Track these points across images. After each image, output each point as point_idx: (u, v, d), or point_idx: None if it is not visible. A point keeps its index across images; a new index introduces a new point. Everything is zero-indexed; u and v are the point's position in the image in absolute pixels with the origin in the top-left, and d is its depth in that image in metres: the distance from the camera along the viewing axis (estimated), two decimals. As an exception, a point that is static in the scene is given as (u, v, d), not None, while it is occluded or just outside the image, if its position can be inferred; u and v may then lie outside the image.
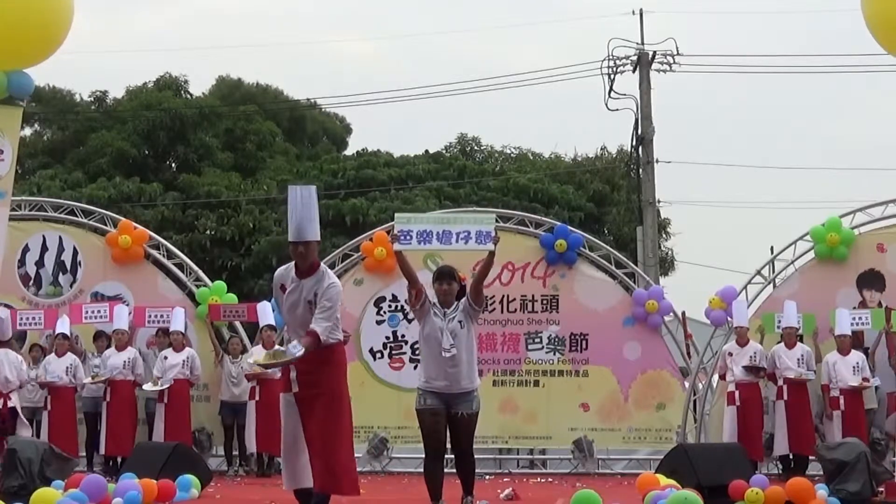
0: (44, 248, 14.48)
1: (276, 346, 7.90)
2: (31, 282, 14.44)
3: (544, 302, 14.46)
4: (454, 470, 8.20)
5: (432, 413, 7.87)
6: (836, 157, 50.92)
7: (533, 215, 15.58)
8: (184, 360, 13.41)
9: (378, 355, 14.50)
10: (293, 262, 7.62)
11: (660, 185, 23.90)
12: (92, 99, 31.78)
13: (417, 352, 14.34)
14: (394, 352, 14.46)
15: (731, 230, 43.89)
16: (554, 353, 14.38)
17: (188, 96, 31.46)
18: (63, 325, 13.49)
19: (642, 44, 23.99)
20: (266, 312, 13.70)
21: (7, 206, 10.34)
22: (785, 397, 12.96)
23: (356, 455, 14.07)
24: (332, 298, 7.40)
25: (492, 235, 8.24)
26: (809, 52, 40.64)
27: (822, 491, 8.88)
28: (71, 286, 14.45)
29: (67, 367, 13.30)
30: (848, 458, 9.20)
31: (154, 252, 14.63)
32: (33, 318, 13.84)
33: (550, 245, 14.37)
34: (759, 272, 14.16)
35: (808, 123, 52.58)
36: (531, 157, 32.82)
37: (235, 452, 13.89)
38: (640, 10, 24.36)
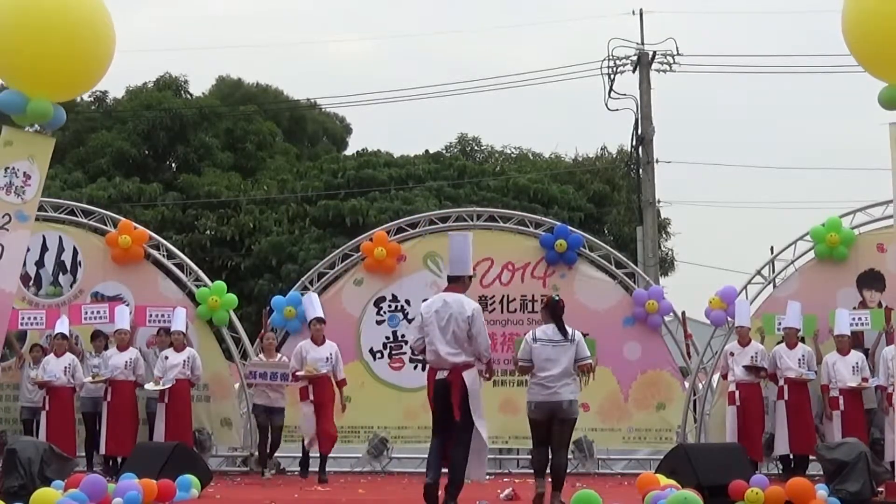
0: (44, 248, 14.46)
1: None
2: (31, 282, 14.42)
3: (544, 302, 14.42)
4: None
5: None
6: (836, 157, 51.05)
7: (533, 215, 15.56)
8: (184, 360, 13.39)
9: (378, 355, 14.48)
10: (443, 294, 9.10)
11: (660, 185, 23.98)
12: (92, 99, 31.82)
13: (418, 352, 14.41)
14: (394, 352, 14.44)
15: (731, 230, 44.02)
16: (554, 353, 14.35)
17: (188, 96, 31.50)
18: (62, 326, 13.49)
19: (642, 44, 24.03)
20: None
21: (29, 229, 10.62)
22: (785, 397, 12.95)
23: (356, 455, 14.17)
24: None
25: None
26: (809, 52, 40.79)
27: (822, 491, 8.90)
28: (71, 286, 14.43)
29: (66, 367, 13.28)
30: (848, 458, 9.22)
31: (154, 252, 14.61)
32: (34, 318, 13.84)
33: (550, 245, 14.37)
34: (759, 272, 14.15)
35: (809, 123, 52.69)
36: (531, 157, 32.89)
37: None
38: (640, 10, 24.44)
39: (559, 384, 9.13)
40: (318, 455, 12.88)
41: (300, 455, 13.35)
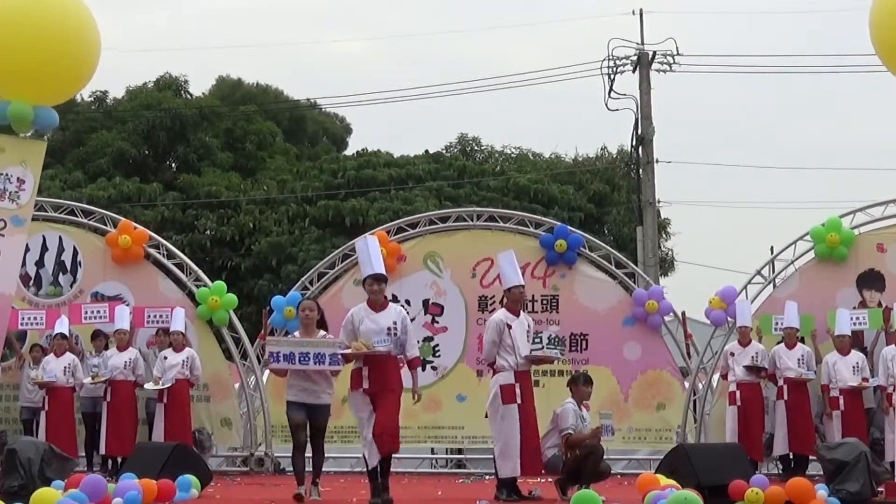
0: (44, 248, 14.47)
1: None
2: (31, 282, 14.43)
3: (544, 302, 14.45)
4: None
5: None
6: (836, 157, 51.03)
7: (533, 215, 15.56)
8: (183, 360, 13.39)
9: (378, 355, 14.43)
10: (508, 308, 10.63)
11: (660, 185, 23.97)
12: (92, 99, 31.83)
13: (417, 352, 14.38)
14: (394, 352, 14.39)
15: (731, 230, 43.99)
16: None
17: (188, 96, 31.50)
18: (62, 326, 13.49)
19: (642, 44, 24.02)
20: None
21: (25, 233, 10.76)
22: (785, 397, 12.96)
23: (356, 455, 14.10)
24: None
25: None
26: (809, 52, 40.85)
27: (822, 491, 8.88)
28: (71, 286, 14.43)
29: (65, 367, 13.28)
30: (848, 458, 9.20)
31: (154, 252, 14.62)
32: (35, 318, 13.84)
33: (550, 245, 14.37)
34: (759, 272, 14.15)
35: (808, 123, 52.67)
36: (531, 157, 32.87)
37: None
38: (640, 10, 24.43)
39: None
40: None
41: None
